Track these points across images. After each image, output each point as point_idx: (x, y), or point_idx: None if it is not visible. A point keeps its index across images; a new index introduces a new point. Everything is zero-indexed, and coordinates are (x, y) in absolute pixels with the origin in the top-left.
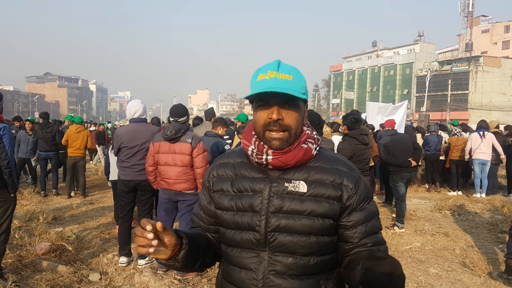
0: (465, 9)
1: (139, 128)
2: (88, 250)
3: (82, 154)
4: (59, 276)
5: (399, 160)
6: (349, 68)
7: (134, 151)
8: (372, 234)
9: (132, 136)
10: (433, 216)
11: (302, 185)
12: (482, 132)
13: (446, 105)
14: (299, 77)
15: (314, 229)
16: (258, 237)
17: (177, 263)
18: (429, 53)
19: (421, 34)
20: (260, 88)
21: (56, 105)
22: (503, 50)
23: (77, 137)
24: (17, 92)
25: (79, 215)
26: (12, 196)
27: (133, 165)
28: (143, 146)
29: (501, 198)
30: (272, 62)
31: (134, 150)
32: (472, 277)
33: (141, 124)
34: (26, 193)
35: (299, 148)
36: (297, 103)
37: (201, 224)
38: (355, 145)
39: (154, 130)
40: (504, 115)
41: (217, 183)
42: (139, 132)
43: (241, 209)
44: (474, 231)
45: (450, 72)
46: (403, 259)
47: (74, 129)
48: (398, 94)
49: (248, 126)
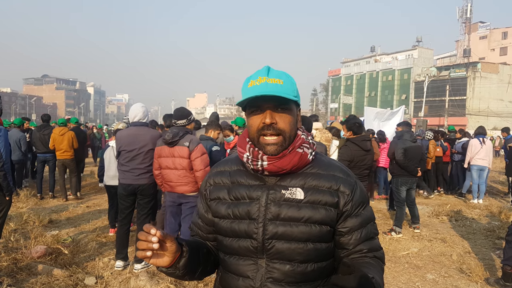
0: (463, 15)
1: (138, 132)
2: (84, 253)
3: (70, 156)
4: (55, 279)
5: (411, 167)
6: (347, 73)
7: (132, 154)
8: (367, 240)
9: (130, 140)
10: (430, 221)
11: (299, 192)
12: (482, 138)
13: (444, 111)
14: (290, 81)
15: (312, 236)
16: (255, 244)
17: (178, 271)
18: (427, 59)
19: (420, 39)
20: (251, 94)
21: (54, 107)
22: (501, 56)
23: (62, 140)
24: (14, 94)
25: (75, 218)
26: (8, 199)
27: (132, 169)
28: (141, 150)
29: (498, 204)
30: (262, 68)
31: (133, 154)
32: (469, 283)
33: (140, 128)
34: (22, 196)
35: (294, 152)
36: (289, 106)
37: (200, 232)
38: (355, 151)
39: (154, 134)
40: (501, 121)
41: (214, 191)
42: (138, 136)
43: (238, 216)
44: (471, 237)
45: (448, 78)
46: (400, 265)
47: (57, 132)
48: (396, 99)
49: (243, 134)
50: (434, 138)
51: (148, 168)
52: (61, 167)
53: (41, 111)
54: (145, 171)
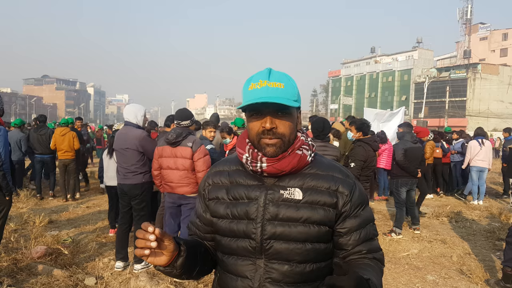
0: (463, 17)
1: (124, 132)
2: (84, 254)
3: (71, 156)
4: (55, 280)
5: (411, 168)
6: (347, 74)
7: (119, 154)
8: (366, 241)
9: (118, 140)
10: (430, 223)
11: (297, 192)
12: (481, 139)
13: (444, 112)
14: (291, 84)
15: (310, 236)
16: (254, 244)
17: (175, 270)
18: (427, 60)
19: (420, 40)
20: (252, 99)
21: (54, 107)
22: (501, 58)
23: (63, 140)
24: (14, 94)
25: (75, 218)
26: (8, 199)
27: (120, 169)
28: (125, 149)
29: (499, 206)
30: (263, 70)
31: (119, 153)
32: (469, 284)
33: (127, 128)
34: (22, 196)
35: (294, 154)
36: (289, 111)
37: (198, 232)
38: (368, 151)
39: (136, 134)
40: (501, 122)
41: (212, 191)
42: (123, 136)
43: (236, 216)
44: (472, 238)
45: (448, 79)
46: (400, 266)
47: (59, 132)
48: (396, 100)
49: (242, 135)
50: (434, 139)
51: (132, 168)
52: (62, 168)
53: (41, 111)
54: (128, 171)
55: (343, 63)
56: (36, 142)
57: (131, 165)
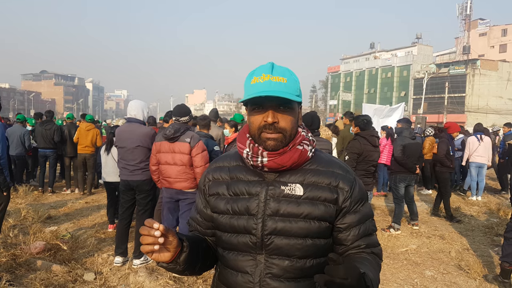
0: (463, 12)
1: (129, 128)
2: (83, 249)
3: (91, 151)
4: (54, 275)
5: (409, 164)
6: (346, 69)
7: (123, 151)
8: (365, 236)
9: (122, 136)
10: (429, 218)
11: (298, 188)
12: (480, 135)
13: (443, 108)
14: (293, 79)
15: (311, 232)
16: (254, 240)
17: (178, 266)
18: (426, 56)
19: (419, 36)
20: (254, 92)
21: (52, 103)
22: (500, 54)
23: (87, 135)
24: (13, 89)
25: (74, 214)
26: (5, 195)
27: (126, 165)
28: (131, 146)
29: (497, 201)
30: (266, 64)
31: (123, 150)
32: (467, 280)
33: (132, 125)
34: (21, 191)
35: (294, 149)
36: (291, 105)
37: (198, 228)
38: (364, 145)
39: (145, 131)
40: (500, 118)
41: (212, 186)
42: (129, 133)
43: (237, 212)
44: (470, 234)
45: (448, 75)
46: (398, 261)
47: (84, 127)
48: (395, 96)
49: (243, 129)
50: (434, 135)
51: (142, 165)
52: (80, 162)
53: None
54: (137, 168)
55: (342, 59)
56: (39, 136)
57: (140, 162)
